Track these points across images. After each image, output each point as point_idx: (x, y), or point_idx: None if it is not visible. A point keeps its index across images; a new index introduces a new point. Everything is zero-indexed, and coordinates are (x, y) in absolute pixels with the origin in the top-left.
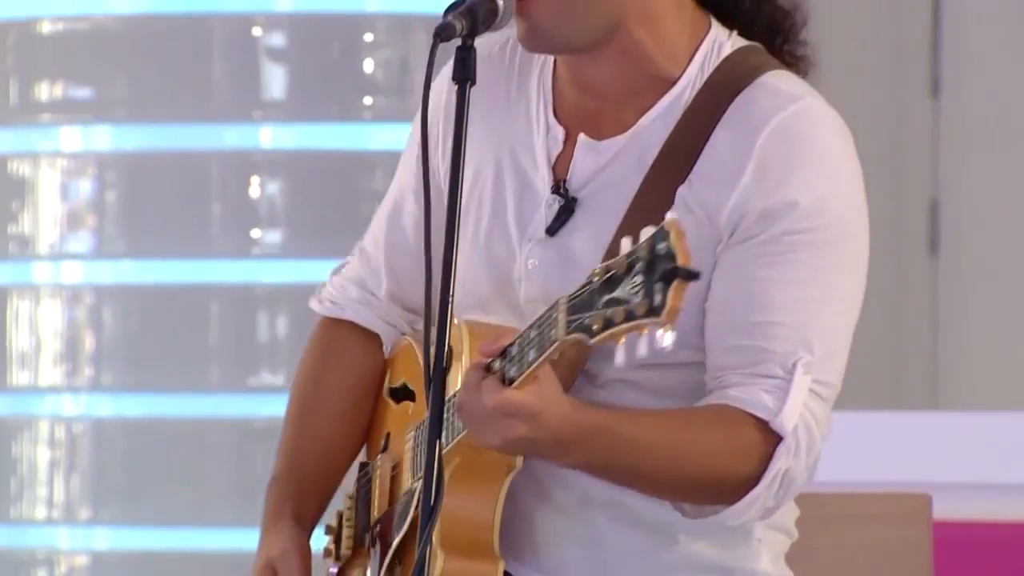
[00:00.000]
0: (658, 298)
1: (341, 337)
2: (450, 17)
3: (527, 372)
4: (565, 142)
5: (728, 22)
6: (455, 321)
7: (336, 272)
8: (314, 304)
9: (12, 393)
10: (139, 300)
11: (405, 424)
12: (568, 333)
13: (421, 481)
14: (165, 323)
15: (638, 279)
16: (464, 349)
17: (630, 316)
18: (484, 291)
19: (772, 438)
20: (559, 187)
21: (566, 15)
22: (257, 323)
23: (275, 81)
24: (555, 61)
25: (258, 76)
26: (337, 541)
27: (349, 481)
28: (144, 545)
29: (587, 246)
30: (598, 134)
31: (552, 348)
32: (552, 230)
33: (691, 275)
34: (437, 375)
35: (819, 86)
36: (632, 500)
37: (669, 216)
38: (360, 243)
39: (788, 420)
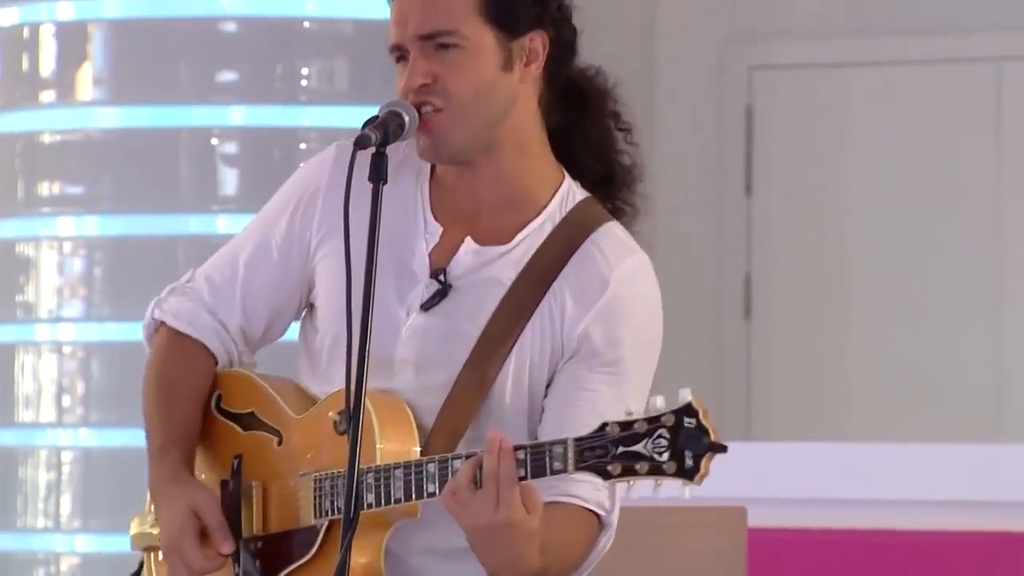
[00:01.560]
0: (689, 463)
1: (192, 349)
2: (367, 130)
3: (549, 478)
4: (442, 237)
5: (569, 169)
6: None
7: (175, 292)
8: (169, 320)
9: (18, 428)
10: (120, 354)
11: (269, 454)
12: (577, 468)
13: (324, 522)
14: (142, 373)
15: (663, 442)
16: (368, 424)
17: (656, 471)
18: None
19: (600, 525)
20: (437, 274)
21: (456, 133)
22: None
23: (229, 180)
24: (433, 169)
25: (215, 176)
26: None
27: None
28: (124, 548)
29: (457, 325)
30: (481, 240)
31: (553, 476)
32: (427, 307)
33: (723, 449)
34: (353, 448)
35: (662, 187)
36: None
37: (688, 394)
38: (202, 272)
39: (615, 517)
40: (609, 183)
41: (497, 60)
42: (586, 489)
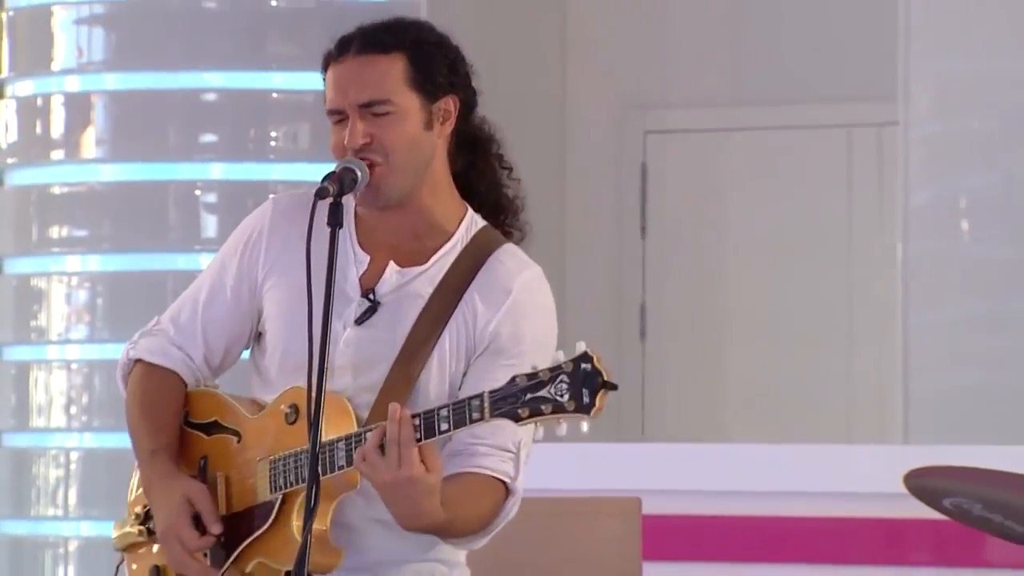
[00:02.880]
0: (586, 399)
1: (166, 375)
2: (326, 183)
3: (438, 437)
4: (369, 264)
5: (470, 202)
6: (299, 384)
7: (145, 334)
8: (145, 356)
9: (32, 432)
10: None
11: (230, 451)
12: (493, 416)
13: (279, 496)
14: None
15: (563, 386)
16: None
17: (558, 409)
18: (303, 359)
19: (505, 492)
20: (367, 294)
21: (392, 186)
22: None
23: (210, 225)
24: (356, 210)
25: (199, 222)
26: (146, 519)
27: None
28: None
29: (385, 334)
30: (402, 263)
31: (472, 425)
32: (360, 321)
33: (614, 386)
34: (314, 430)
35: (571, 230)
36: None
37: (583, 345)
38: (167, 315)
39: (520, 484)
40: (500, 211)
41: (421, 121)
42: (493, 461)
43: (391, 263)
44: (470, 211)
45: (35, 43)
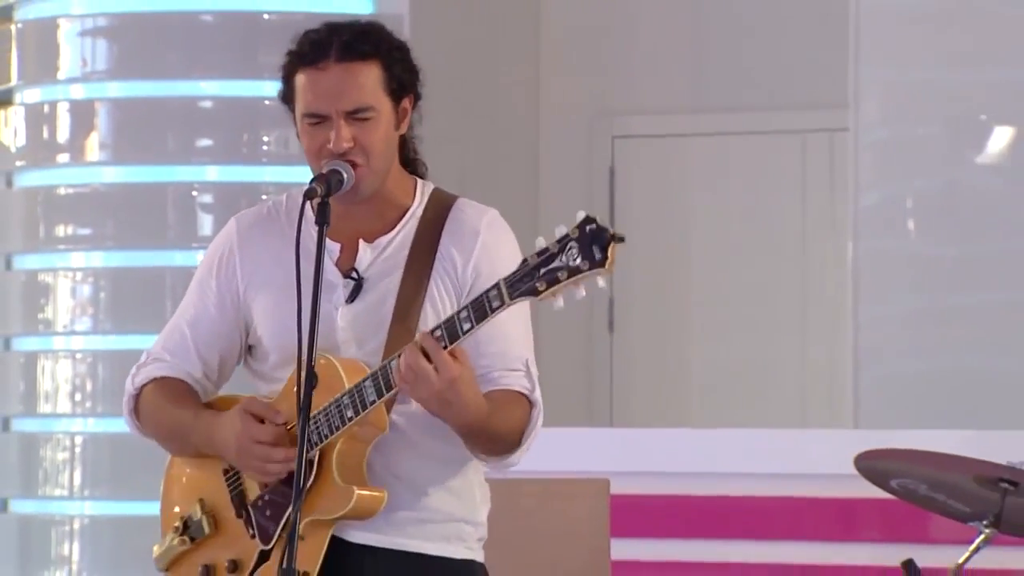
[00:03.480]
0: (599, 255)
1: (177, 381)
2: (314, 184)
3: (463, 338)
4: (342, 251)
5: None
6: (323, 359)
7: (142, 367)
8: (151, 375)
9: (40, 417)
10: (120, 359)
11: None
12: (512, 299)
13: (316, 452)
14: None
15: (574, 251)
16: (336, 373)
17: (575, 272)
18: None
19: (529, 404)
20: (350, 274)
21: (370, 183)
22: None
23: (206, 223)
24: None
25: (196, 221)
26: (185, 529)
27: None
28: (122, 512)
29: (377, 301)
30: (371, 240)
31: (494, 314)
32: (351, 299)
33: (621, 239)
34: (306, 402)
35: (545, 228)
36: (417, 475)
37: (583, 213)
38: (157, 347)
39: (538, 394)
40: (419, 169)
41: (392, 122)
42: (508, 379)
43: (361, 242)
44: (420, 181)
45: (42, 54)
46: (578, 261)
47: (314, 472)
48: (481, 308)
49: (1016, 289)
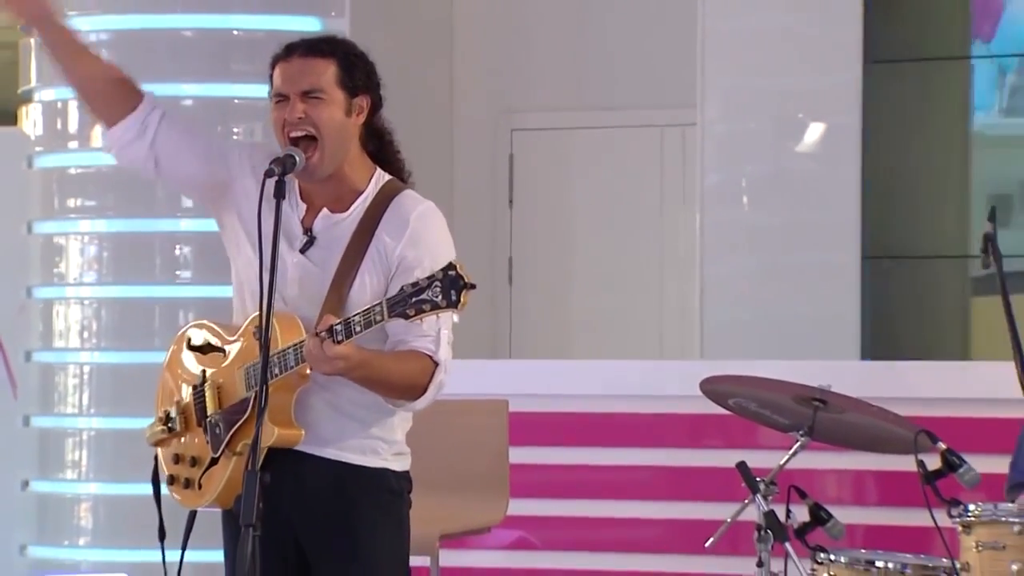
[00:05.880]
0: (454, 297)
1: (132, 84)
2: (272, 166)
3: (354, 337)
4: (308, 211)
5: (383, 168)
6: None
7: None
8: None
9: (55, 351)
10: (120, 305)
11: (220, 364)
12: (390, 317)
13: (249, 395)
14: (137, 316)
15: (437, 289)
16: (275, 333)
17: (435, 306)
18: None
19: (432, 364)
20: (307, 231)
21: (324, 165)
22: None
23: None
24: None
25: (179, 195)
26: (167, 420)
27: None
28: (120, 426)
29: (320, 264)
30: (331, 210)
31: (378, 325)
32: (303, 250)
33: (473, 286)
34: (265, 345)
35: (458, 202)
36: (342, 407)
37: (448, 260)
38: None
39: (442, 355)
40: (400, 172)
41: (343, 109)
42: (417, 343)
43: (324, 210)
44: (379, 170)
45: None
46: (439, 299)
47: (249, 408)
48: (368, 318)
49: (828, 251)
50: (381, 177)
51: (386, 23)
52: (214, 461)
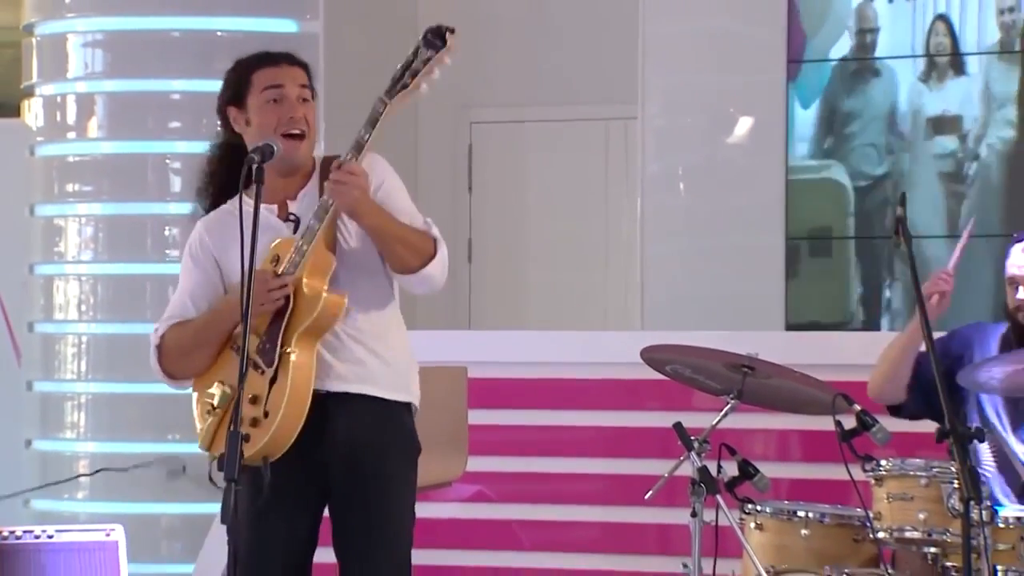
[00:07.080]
0: (439, 43)
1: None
2: (253, 153)
3: (365, 146)
4: (278, 210)
5: None
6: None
7: (157, 331)
8: (169, 322)
9: (55, 323)
10: (114, 281)
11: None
12: (393, 95)
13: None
14: (130, 291)
15: (423, 50)
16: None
17: (428, 60)
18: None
19: (431, 238)
20: (287, 218)
21: (306, 155)
22: None
23: (176, 184)
24: (258, 190)
25: (168, 182)
26: (214, 409)
27: None
28: (114, 391)
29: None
30: (292, 196)
31: (383, 114)
32: (295, 232)
33: (452, 29)
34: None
35: (423, 189)
36: (379, 351)
37: (426, 27)
38: (164, 318)
39: (435, 232)
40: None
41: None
42: (412, 221)
43: (288, 202)
44: (317, 150)
45: (55, 58)
46: (428, 53)
47: (291, 301)
48: (373, 119)
49: (756, 233)
50: (319, 155)
51: (357, 25)
52: (272, 380)
